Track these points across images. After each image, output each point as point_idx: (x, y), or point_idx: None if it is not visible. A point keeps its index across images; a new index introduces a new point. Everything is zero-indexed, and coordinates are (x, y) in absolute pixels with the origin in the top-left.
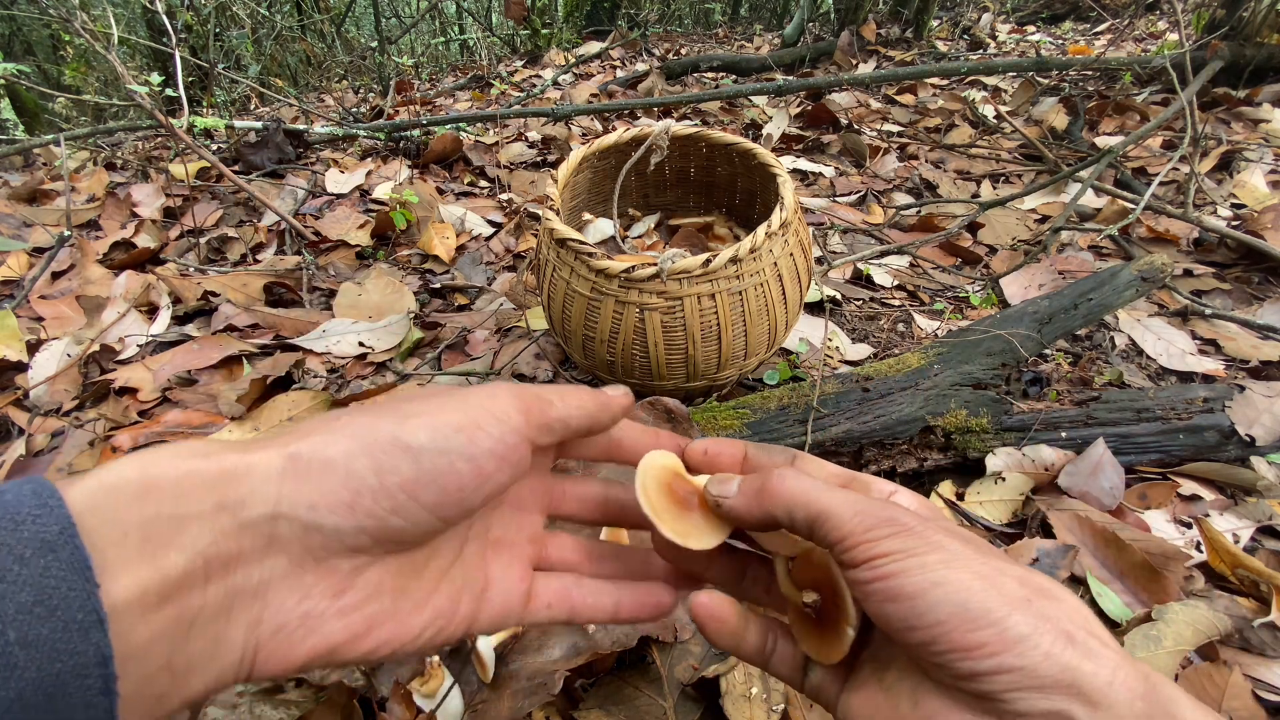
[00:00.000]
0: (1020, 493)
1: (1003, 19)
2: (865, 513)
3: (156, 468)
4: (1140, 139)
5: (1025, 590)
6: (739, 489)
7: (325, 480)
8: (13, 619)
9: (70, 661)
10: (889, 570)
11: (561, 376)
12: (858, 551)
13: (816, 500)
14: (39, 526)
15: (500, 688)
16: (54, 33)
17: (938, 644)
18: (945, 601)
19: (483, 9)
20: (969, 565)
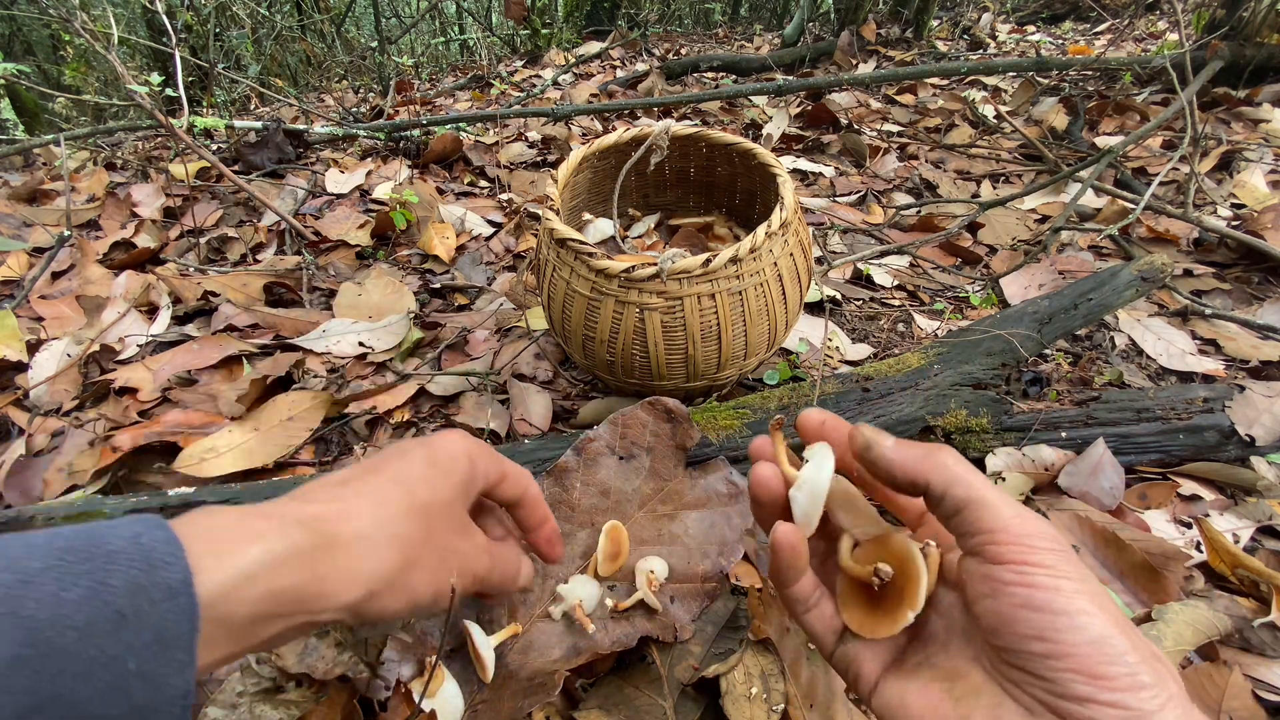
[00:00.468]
0: (1020, 493)
1: (1003, 19)
2: (1024, 517)
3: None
4: (1140, 139)
5: (1151, 651)
6: (896, 444)
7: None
8: (138, 652)
9: (167, 692)
10: (1038, 581)
11: (561, 376)
12: (1009, 550)
13: (978, 487)
14: (169, 574)
15: (500, 688)
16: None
17: (1065, 661)
18: (1089, 628)
19: (483, 9)
20: (1111, 610)
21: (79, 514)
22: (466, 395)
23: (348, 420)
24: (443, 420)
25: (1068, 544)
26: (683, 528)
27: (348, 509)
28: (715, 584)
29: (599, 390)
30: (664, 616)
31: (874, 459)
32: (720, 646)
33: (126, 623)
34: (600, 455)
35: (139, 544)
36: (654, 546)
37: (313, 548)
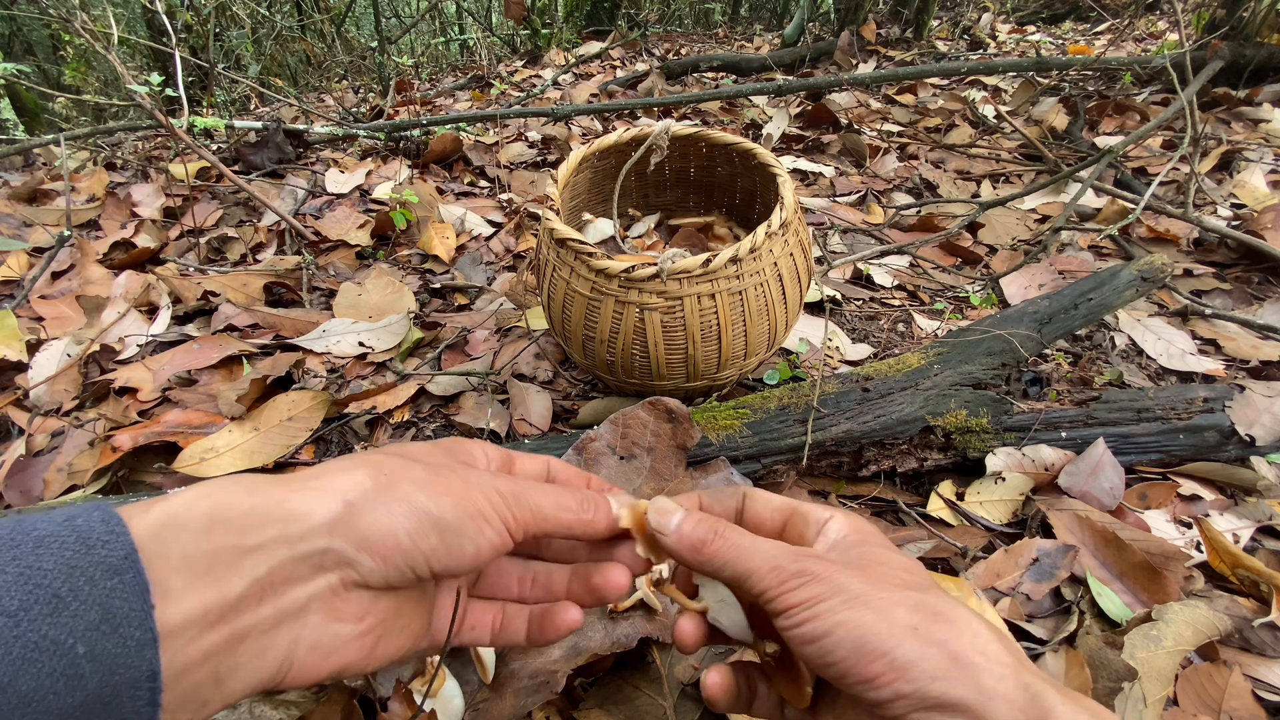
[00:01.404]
0: (1020, 493)
1: (1003, 19)
2: (780, 568)
3: (224, 503)
4: (1140, 139)
5: (915, 617)
6: (678, 531)
7: (370, 532)
8: (83, 634)
9: (127, 675)
10: (802, 617)
11: (561, 376)
12: (776, 603)
13: (742, 559)
14: (107, 551)
15: (501, 687)
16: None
17: (847, 678)
18: (846, 639)
19: (483, 9)
20: (866, 602)
21: None
22: (466, 395)
23: (348, 420)
24: (443, 420)
25: (825, 562)
26: None
27: (315, 470)
28: None
29: (599, 390)
30: (664, 617)
31: (663, 547)
32: (720, 646)
33: (64, 604)
34: (601, 455)
35: (72, 526)
36: None
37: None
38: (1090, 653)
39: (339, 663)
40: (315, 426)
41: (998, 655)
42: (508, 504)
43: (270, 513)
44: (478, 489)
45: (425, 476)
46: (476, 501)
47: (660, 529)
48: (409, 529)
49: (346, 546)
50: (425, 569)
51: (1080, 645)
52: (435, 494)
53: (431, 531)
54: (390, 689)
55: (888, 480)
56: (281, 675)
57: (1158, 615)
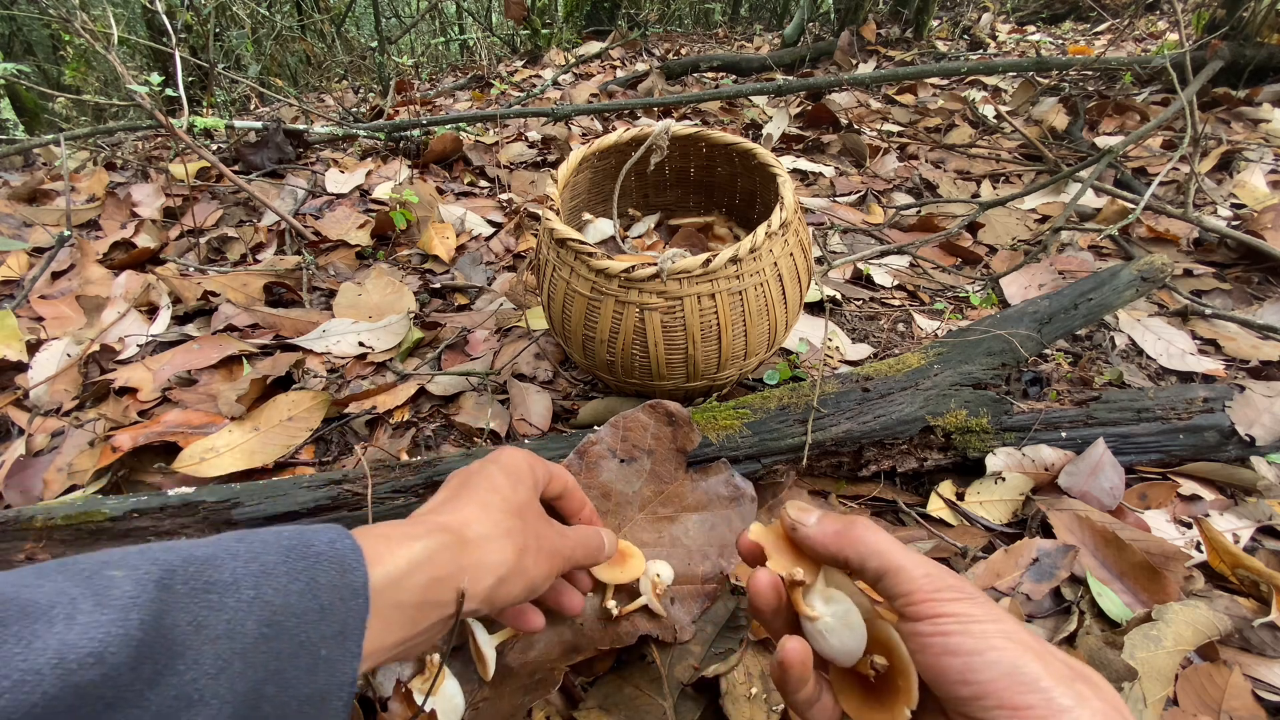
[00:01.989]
0: (1020, 493)
1: (1003, 19)
2: (934, 575)
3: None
4: (1140, 139)
5: (1070, 671)
6: (819, 521)
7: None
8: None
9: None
10: (952, 629)
11: (562, 376)
12: (924, 607)
13: (891, 554)
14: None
15: (501, 685)
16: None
17: (987, 699)
18: (1001, 663)
19: (483, 9)
20: (1024, 639)
21: (79, 514)
22: (466, 395)
23: (348, 420)
24: (443, 420)
25: (977, 590)
26: (683, 530)
27: (466, 516)
28: (715, 585)
29: (599, 390)
30: (665, 618)
31: (800, 539)
32: (720, 646)
33: (325, 615)
34: (601, 458)
35: (335, 549)
36: (654, 549)
37: (453, 544)
38: (1090, 653)
39: None
40: (315, 426)
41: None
42: (559, 560)
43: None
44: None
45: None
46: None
47: (800, 520)
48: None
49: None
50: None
51: (1080, 645)
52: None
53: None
54: (390, 689)
55: (888, 480)
56: None
57: (1158, 615)
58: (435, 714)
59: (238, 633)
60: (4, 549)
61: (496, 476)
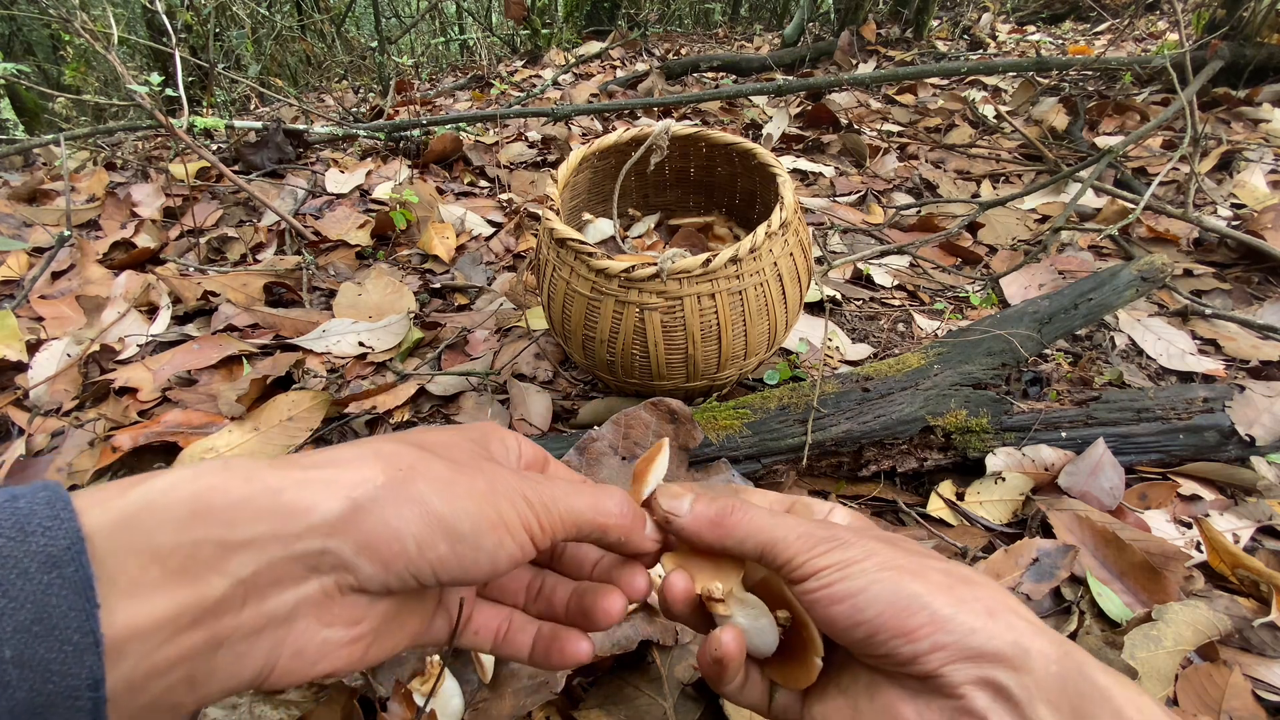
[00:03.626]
0: (1020, 493)
1: (1003, 19)
2: (807, 534)
3: (213, 488)
4: (1140, 139)
5: (949, 579)
6: (692, 511)
7: (375, 536)
8: (10, 637)
9: (63, 683)
10: (834, 577)
11: (562, 376)
12: (804, 568)
13: (766, 530)
14: (47, 539)
15: (501, 687)
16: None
17: (879, 634)
18: (881, 595)
19: (483, 9)
20: (899, 563)
21: None
22: (466, 395)
23: (348, 420)
24: (442, 420)
25: (850, 534)
26: None
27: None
28: None
29: (599, 390)
30: (665, 619)
31: (676, 533)
32: None
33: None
34: (603, 455)
35: (13, 507)
36: None
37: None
38: (1090, 652)
39: (327, 667)
40: (315, 426)
41: (1028, 615)
42: (535, 511)
43: (264, 504)
44: (504, 494)
45: (446, 474)
46: (500, 508)
47: (672, 511)
48: (418, 536)
49: (346, 549)
50: (431, 578)
51: (1080, 645)
52: (453, 497)
53: (443, 540)
54: (390, 689)
55: (888, 480)
56: (262, 679)
57: (1158, 615)
58: (435, 715)
59: None
60: None
61: (433, 433)
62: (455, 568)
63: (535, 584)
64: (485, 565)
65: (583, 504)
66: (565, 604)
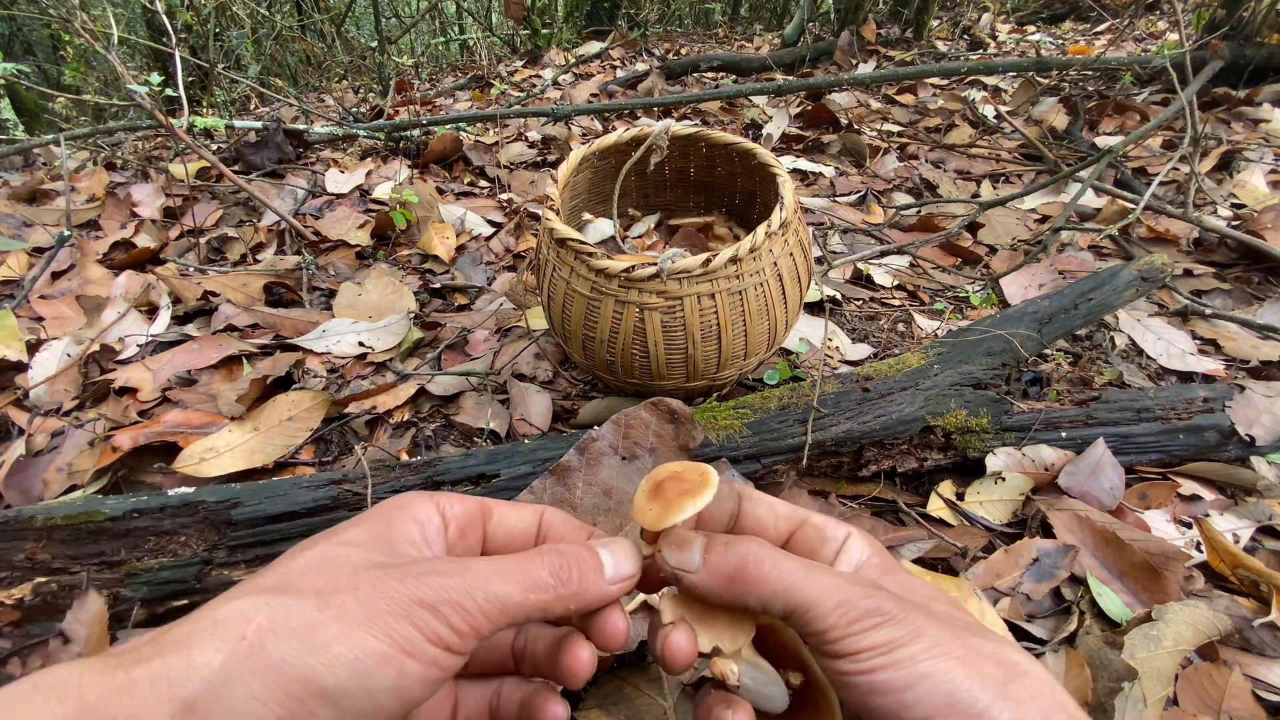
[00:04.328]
0: (1020, 493)
1: (1003, 19)
2: (848, 604)
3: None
4: (1140, 139)
5: (1000, 671)
6: (704, 565)
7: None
8: None
9: None
10: (876, 664)
11: (562, 376)
12: (842, 645)
13: (796, 589)
14: None
15: None
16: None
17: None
18: (933, 694)
19: (483, 9)
20: (950, 651)
21: (79, 514)
22: (466, 395)
23: (348, 420)
24: (443, 420)
25: (895, 602)
26: None
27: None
28: None
29: (599, 390)
30: None
31: (689, 590)
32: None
33: None
34: (603, 455)
35: None
36: None
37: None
38: (1090, 653)
39: None
40: (315, 426)
41: (1076, 712)
42: (442, 615)
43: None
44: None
45: (309, 615)
46: (390, 630)
47: (683, 566)
48: (282, 712)
49: None
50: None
51: (1080, 645)
52: (319, 644)
53: (318, 703)
54: None
55: (888, 480)
56: None
57: (1158, 615)
58: None
59: None
60: (4, 549)
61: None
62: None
63: (519, 642)
64: (392, 705)
65: (509, 587)
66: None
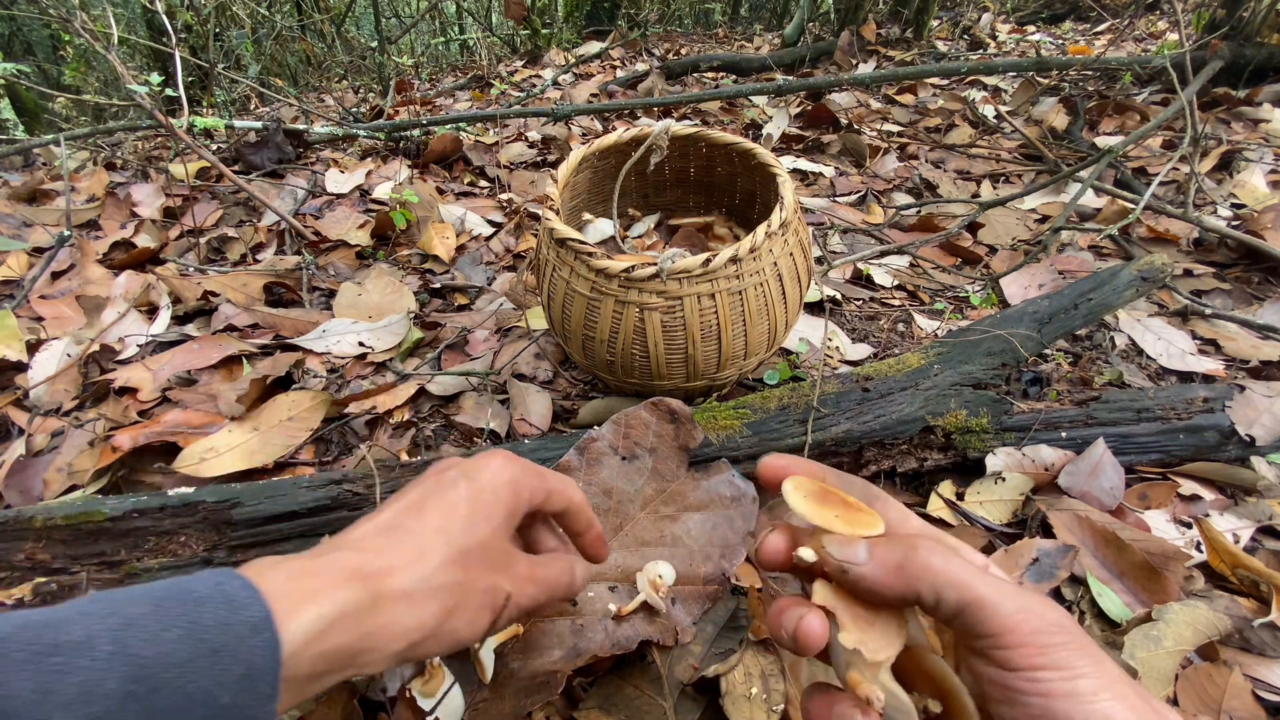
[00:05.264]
0: (1020, 493)
1: (1003, 19)
2: (1029, 610)
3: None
4: (1140, 139)
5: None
6: (873, 557)
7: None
8: (229, 686)
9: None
10: (1054, 689)
11: (562, 376)
12: (1019, 655)
13: (972, 585)
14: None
15: (501, 687)
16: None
17: None
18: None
19: (483, 9)
20: (1123, 694)
21: (79, 514)
22: (466, 395)
23: (348, 420)
24: (442, 420)
25: (1076, 626)
26: (685, 529)
27: (391, 562)
28: (717, 586)
29: (599, 390)
30: (665, 619)
31: (852, 582)
32: (720, 646)
33: (219, 658)
34: (603, 455)
35: (221, 589)
36: (656, 548)
37: (360, 608)
38: None
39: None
40: (315, 426)
41: None
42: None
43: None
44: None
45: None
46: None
47: (849, 559)
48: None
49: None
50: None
51: None
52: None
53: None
54: (396, 688)
55: (888, 480)
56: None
57: (1158, 615)
58: (436, 716)
59: (96, 695)
60: (4, 549)
61: (460, 503)
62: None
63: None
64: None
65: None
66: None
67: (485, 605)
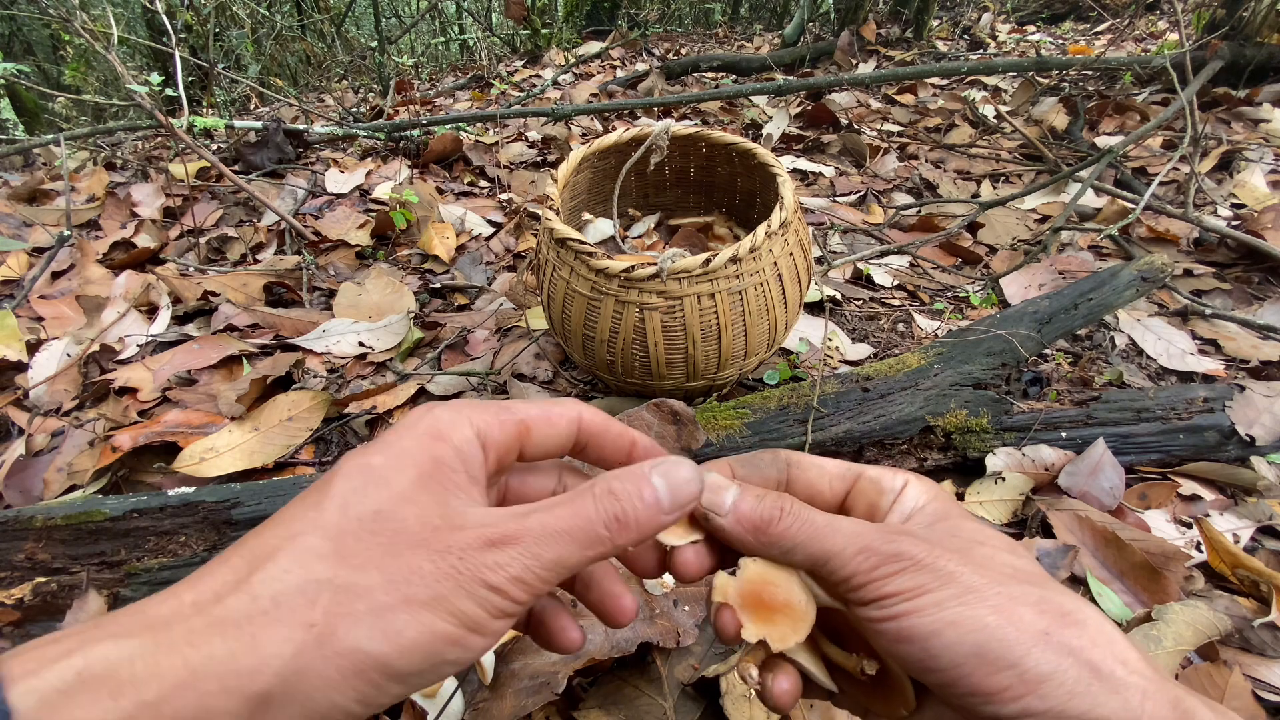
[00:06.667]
0: (1020, 493)
1: (1003, 19)
2: (870, 549)
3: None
4: (1140, 139)
5: (1044, 619)
6: (735, 513)
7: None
8: None
9: None
10: (899, 610)
11: (561, 376)
12: (865, 591)
13: (819, 540)
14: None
15: (501, 688)
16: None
17: (957, 686)
18: (960, 642)
19: (483, 9)
20: (983, 598)
21: (79, 514)
22: (466, 395)
23: (348, 420)
24: None
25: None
26: None
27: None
28: None
29: (599, 390)
30: (666, 621)
31: (714, 532)
32: (720, 646)
33: None
34: None
35: None
36: None
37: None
38: None
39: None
40: (315, 426)
41: (1139, 666)
42: (507, 593)
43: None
44: (454, 595)
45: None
46: (458, 613)
47: (713, 509)
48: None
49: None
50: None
51: None
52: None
53: (391, 683)
54: None
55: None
56: None
57: (1158, 615)
58: (437, 716)
59: None
60: (4, 549)
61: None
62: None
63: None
64: (455, 670)
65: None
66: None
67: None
